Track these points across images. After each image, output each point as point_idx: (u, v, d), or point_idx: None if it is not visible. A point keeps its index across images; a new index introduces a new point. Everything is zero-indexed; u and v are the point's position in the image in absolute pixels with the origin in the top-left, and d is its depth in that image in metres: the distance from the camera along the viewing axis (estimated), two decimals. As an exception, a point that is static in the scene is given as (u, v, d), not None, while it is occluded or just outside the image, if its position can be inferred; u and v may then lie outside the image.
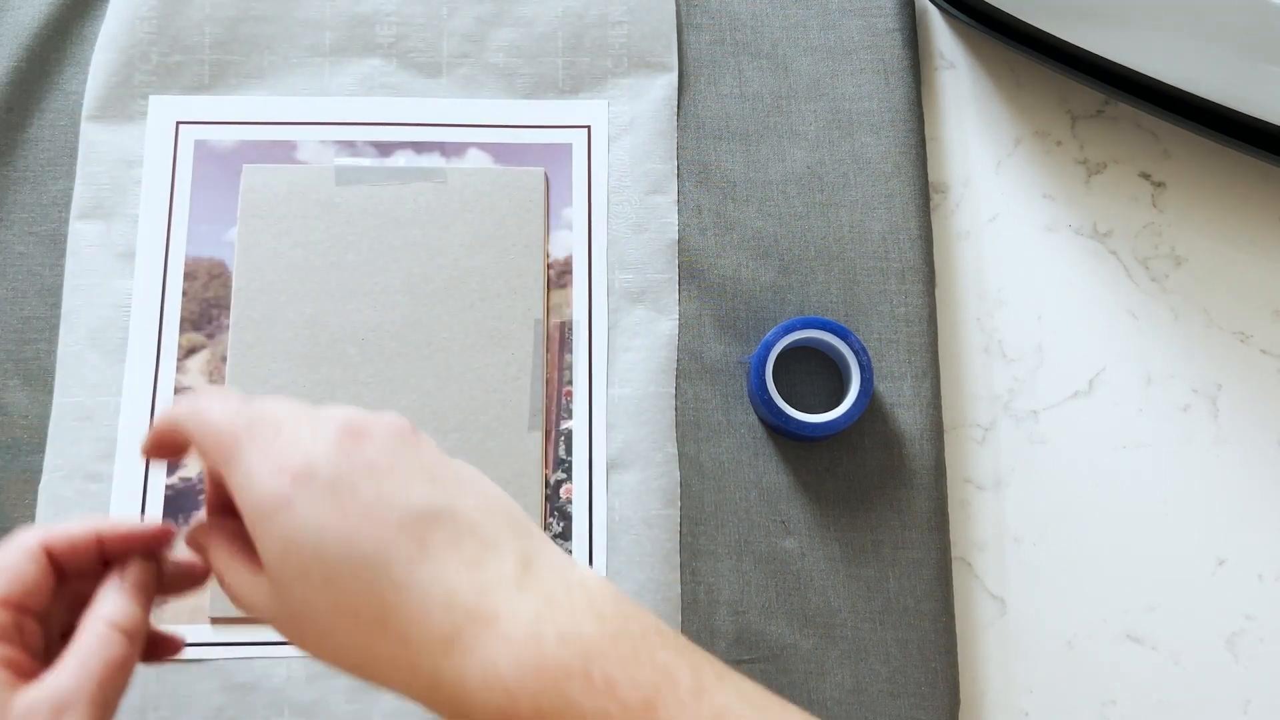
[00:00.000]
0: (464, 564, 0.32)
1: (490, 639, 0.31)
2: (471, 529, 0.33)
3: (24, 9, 0.56)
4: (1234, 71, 0.50)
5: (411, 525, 0.32)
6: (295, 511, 0.32)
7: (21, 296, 0.53)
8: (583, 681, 0.30)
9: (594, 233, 0.54)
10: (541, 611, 0.31)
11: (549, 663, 0.30)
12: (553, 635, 0.31)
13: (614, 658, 0.31)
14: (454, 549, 0.32)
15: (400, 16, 0.57)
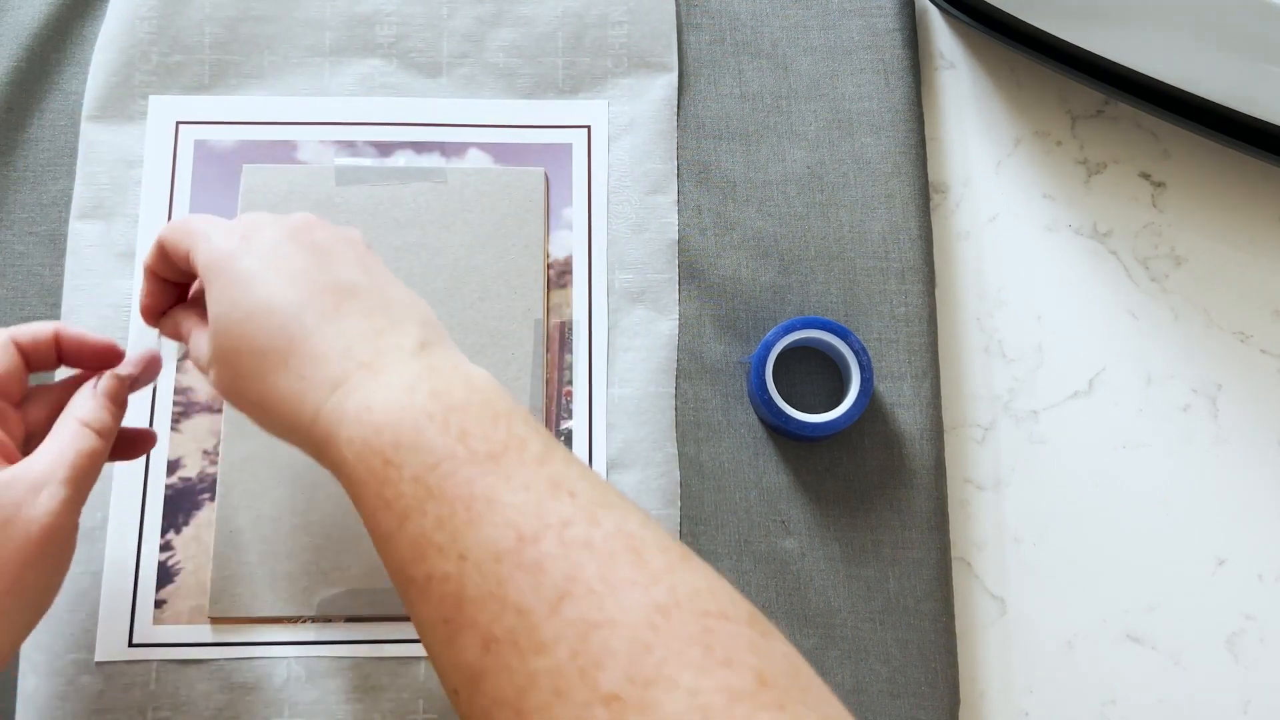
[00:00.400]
0: (369, 329, 0.37)
1: (372, 384, 0.35)
2: (385, 308, 0.38)
3: (24, 9, 0.56)
4: (1234, 71, 0.50)
5: (332, 290, 0.38)
6: (238, 263, 0.38)
7: (21, 296, 0.53)
8: (440, 425, 0.34)
9: (594, 233, 0.54)
10: (423, 374, 0.36)
11: (415, 408, 0.34)
12: (425, 390, 0.35)
13: (474, 416, 0.34)
14: (364, 316, 0.38)
15: (400, 16, 0.57)
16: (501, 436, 0.34)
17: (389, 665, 0.49)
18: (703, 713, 0.28)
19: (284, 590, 0.49)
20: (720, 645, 0.30)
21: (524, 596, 0.31)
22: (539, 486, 0.33)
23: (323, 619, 0.49)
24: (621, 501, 0.34)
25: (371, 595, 0.49)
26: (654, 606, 0.30)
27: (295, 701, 0.48)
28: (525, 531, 0.32)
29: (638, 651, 0.29)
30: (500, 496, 0.33)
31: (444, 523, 0.33)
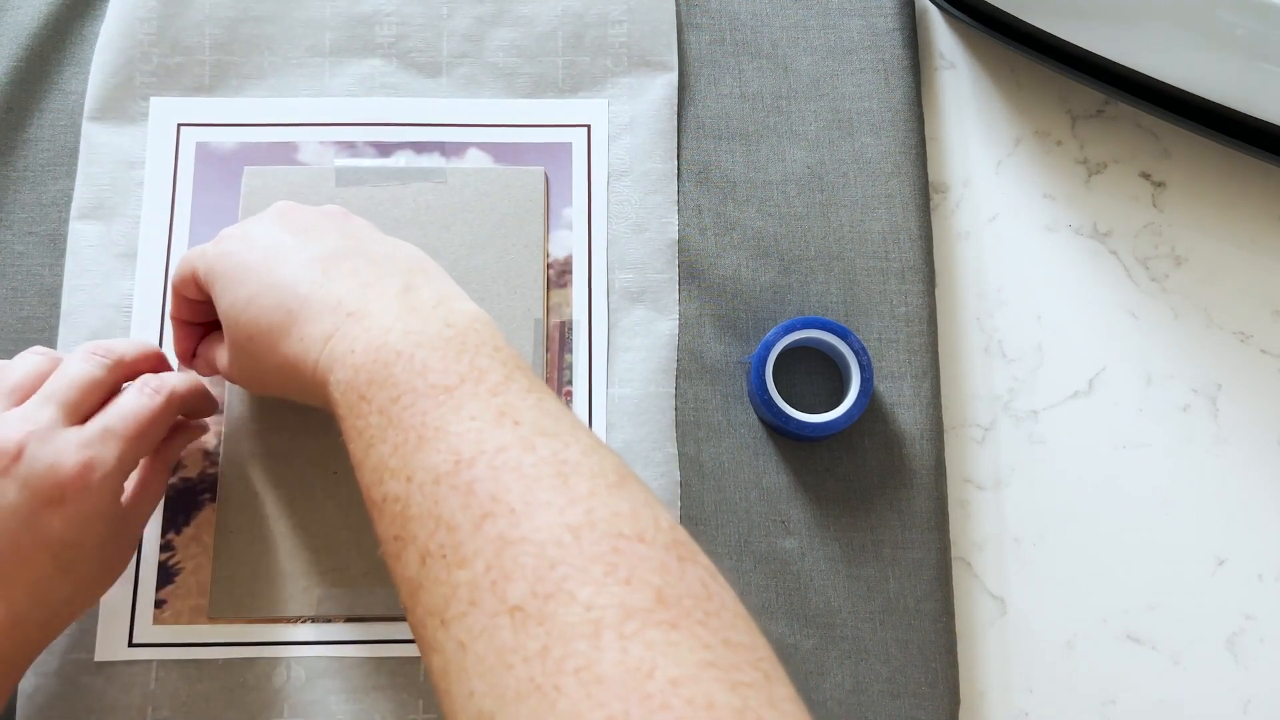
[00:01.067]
0: (357, 284, 0.41)
1: (357, 330, 0.39)
2: (371, 262, 0.42)
3: (24, 9, 0.56)
4: (1234, 71, 0.50)
5: (319, 259, 0.42)
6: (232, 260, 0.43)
7: (21, 296, 0.53)
8: (406, 361, 0.37)
9: (594, 232, 0.54)
10: (402, 314, 0.39)
11: (388, 347, 0.38)
12: (400, 329, 0.38)
13: (439, 352, 0.37)
14: (351, 275, 0.41)
15: (400, 16, 0.57)
16: (461, 369, 0.37)
17: (389, 665, 0.49)
18: (594, 625, 0.30)
19: (284, 590, 0.49)
20: (625, 565, 0.31)
21: (454, 515, 0.33)
22: (485, 416, 0.35)
23: (323, 619, 0.49)
24: (570, 430, 0.36)
25: (372, 595, 0.49)
26: (565, 526, 0.32)
27: (295, 701, 0.48)
28: (463, 456, 0.34)
29: (543, 567, 0.31)
30: (448, 425, 0.35)
31: (398, 449, 0.36)
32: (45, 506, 0.40)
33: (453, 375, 0.37)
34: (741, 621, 0.33)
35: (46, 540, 0.40)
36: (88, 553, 0.41)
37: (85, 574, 0.42)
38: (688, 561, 0.33)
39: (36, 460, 0.40)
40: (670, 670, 0.29)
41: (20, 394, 0.42)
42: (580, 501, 0.33)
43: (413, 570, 0.34)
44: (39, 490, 0.40)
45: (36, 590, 0.40)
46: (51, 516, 0.40)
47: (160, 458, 0.46)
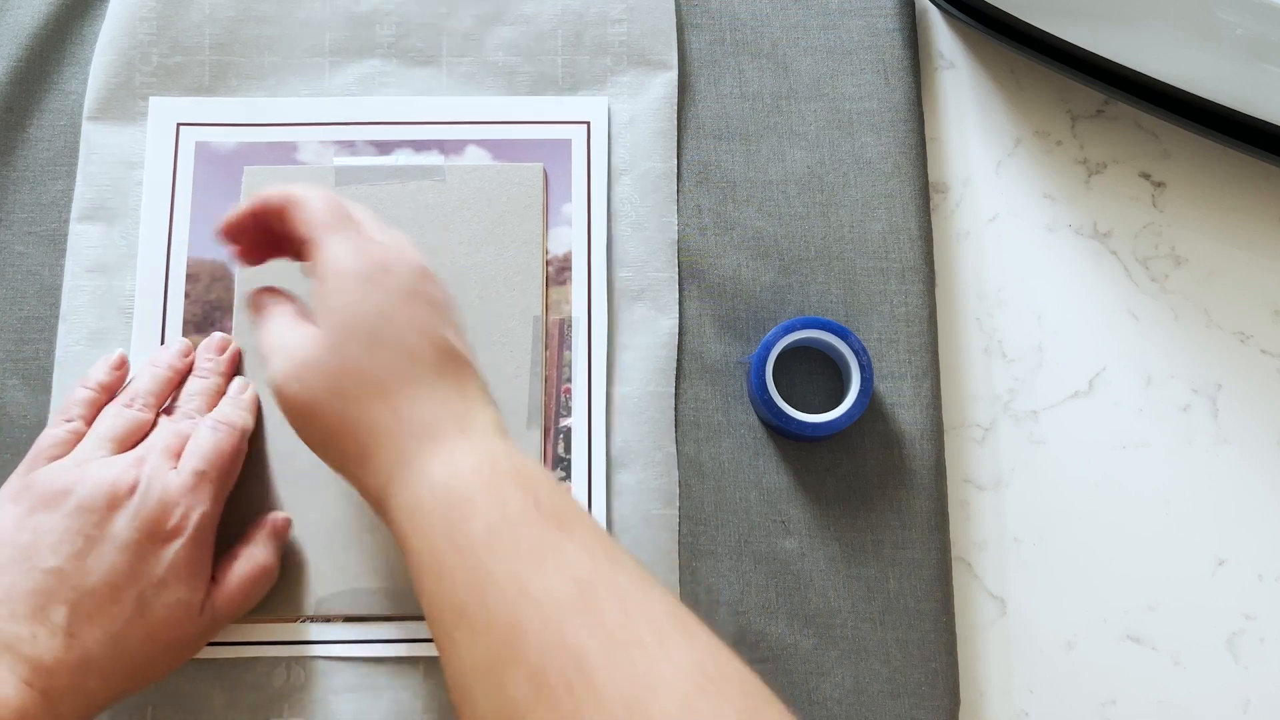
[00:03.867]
0: (469, 397, 0.41)
1: (465, 446, 0.39)
2: (476, 376, 0.42)
3: (24, 9, 0.56)
4: (1234, 71, 0.50)
5: (440, 350, 0.41)
6: (370, 288, 0.41)
7: (21, 296, 0.53)
8: (515, 481, 0.38)
9: (593, 229, 0.54)
10: (510, 449, 0.40)
11: (499, 467, 0.39)
12: (509, 465, 0.39)
13: (543, 485, 0.38)
14: (457, 384, 0.41)
15: (400, 15, 0.57)
16: (563, 503, 0.38)
17: (388, 665, 0.49)
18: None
19: (282, 589, 0.49)
20: (751, 710, 0.32)
21: (583, 643, 0.33)
22: (599, 551, 0.36)
23: (321, 618, 0.49)
24: (652, 580, 0.37)
25: (370, 594, 0.49)
26: (699, 666, 0.33)
27: (295, 701, 0.48)
28: (584, 583, 0.35)
29: (684, 713, 0.31)
30: (563, 549, 0.36)
31: (508, 564, 0.35)
32: (150, 541, 0.43)
33: (559, 506, 0.38)
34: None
35: (141, 574, 0.42)
36: (168, 601, 0.43)
37: (157, 627, 0.43)
38: (771, 703, 0.34)
39: (149, 496, 0.43)
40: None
41: (122, 444, 0.46)
42: (699, 640, 0.34)
43: (520, 691, 0.33)
44: (148, 523, 0.43)
45: (112, 632, 0.42)
46: (153, 552, 0.43)
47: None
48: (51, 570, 0.41)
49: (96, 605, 0.41)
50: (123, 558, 0.42)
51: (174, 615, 0.43)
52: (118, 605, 0.42)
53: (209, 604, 0.45)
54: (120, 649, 0.42)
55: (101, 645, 0.41)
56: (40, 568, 0.41)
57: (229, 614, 0.46)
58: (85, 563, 0.42)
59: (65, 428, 0.46)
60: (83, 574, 0.42)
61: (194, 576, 0.44)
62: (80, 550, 0.42)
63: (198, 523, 0.44)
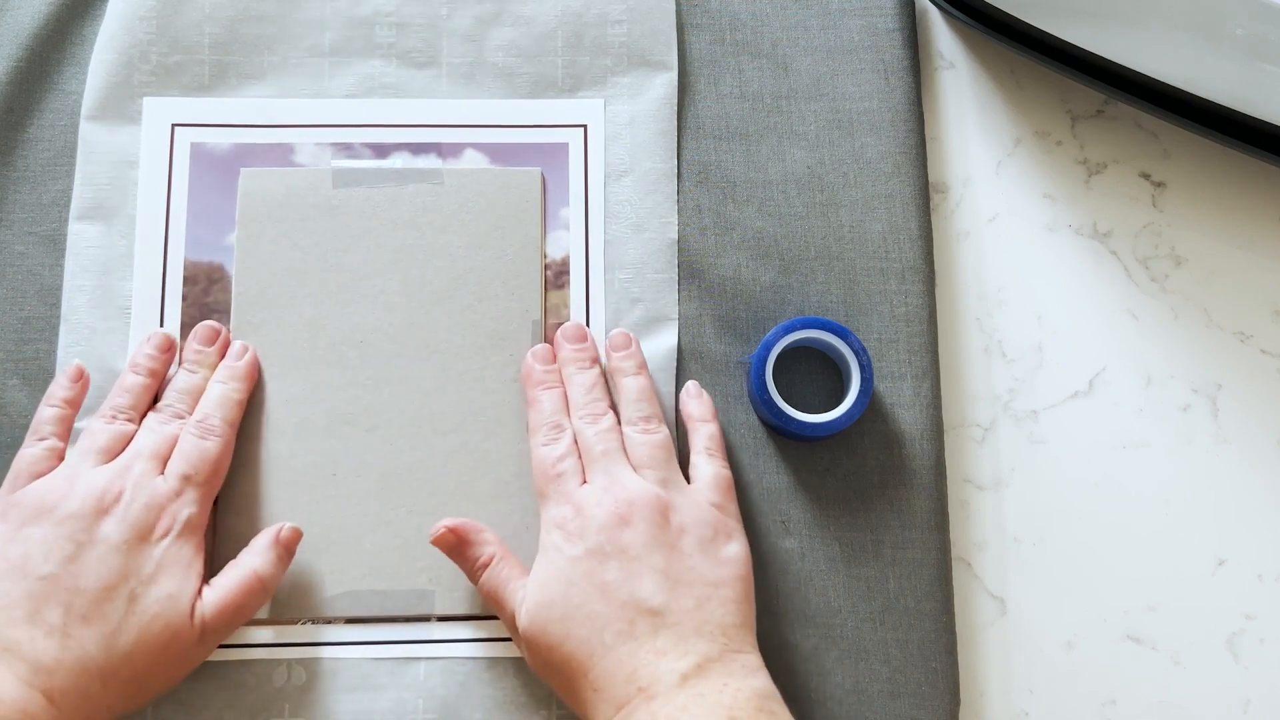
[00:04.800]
0: (653, 651, 0.42)
1: (644, 713, 0.40)
2: (674, 626, 0.43)
3: (24, 9, 0.56)
4: (1234, 71, 0.50)
5: (630, 608, 0.43)
6: (564, 559, 0.45)
7: (21, 296, 0.53)
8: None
9: (591, 232, 0.54)
10: (688, 705, 0.40)
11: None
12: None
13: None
14: (651, 637, 0.42)
15: (400, 16, 0.57)
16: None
17: (388, 665, 0.49)
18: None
19: (284, 592, 0.49)
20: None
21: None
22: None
23: (323, 620, 0.49)
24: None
25: (371, 597, 0.49)
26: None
27: (295, 701, 0.48)
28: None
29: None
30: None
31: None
32: (139, 542, 0.44)
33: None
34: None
35: (131, 573, 0.44)
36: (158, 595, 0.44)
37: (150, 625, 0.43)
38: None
39: (136, 502, 0.45)
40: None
41: (107, 454, 0.47)
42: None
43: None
44: (135, 526, 0.44)
45: (106, 632, 0.42)
46: (142, 551, 0.44)
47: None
48: (45, 577, 0.43)
49: (90, 605, 0.43)
50: (114, 558, 0.44)
51: (165, 614, 0.44)
52: (110, 604, 0.43)
53: (199, 606, 0.45)
54: (115, 649, 0.43)
55: (97, 645, 0.42)
56: (34, 575, 0.43)
57: (221, 620, 0.45)
58: (77, 566, 0.43)
59: (42, 446, 0.47)
60: (75, 577, 0.43)
61: (184, 571, 0.45)
62: (71, 555, 0.43)
63: (185, 522, 0.46)
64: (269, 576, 0.47)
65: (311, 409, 0.51)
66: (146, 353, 0.50)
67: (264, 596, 0.47)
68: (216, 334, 0.51)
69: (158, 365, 0.50)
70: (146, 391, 0.50)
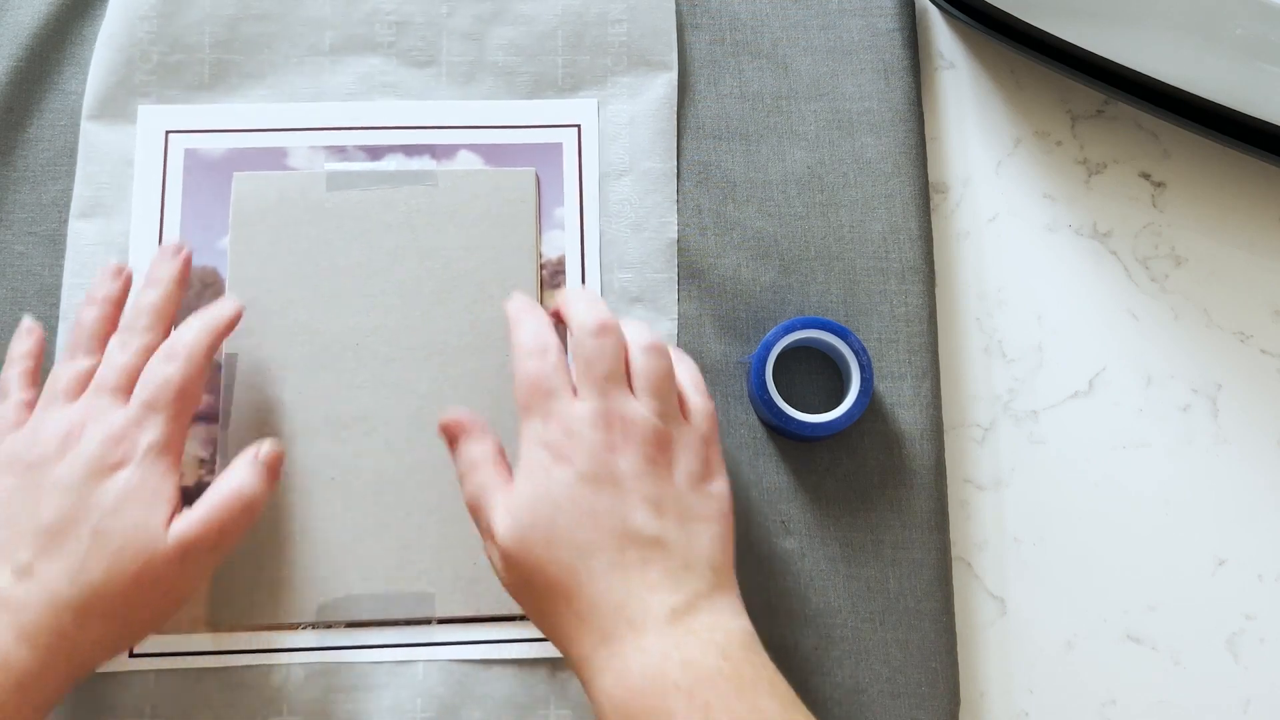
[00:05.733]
0: (644, 584, 0.40)
1: (633, 647, 0.39)
2: (664, 559, 0.41)
3: (24, 9, 0.56)
4: (1234, 71, 0.50)
5: (621, 537, 0.41)
6: (551, 481, 0.42)
7: (21, 296, 0.53)
8: (686, 699, 0.37)
9: (586, 231, 0.54)
10: (681, 641, 0.39)
11: (666, 678, 0.38)
12: (678, 659, 0.38)
13: (719, 689, 0.38)
14: (642, 569, 0.41)
15: (400, 15, 0.57)
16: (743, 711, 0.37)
17: (387, 665, 0.49)
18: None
19: (283, 597, 0.49)
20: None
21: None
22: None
23: (323, 625, 0.49)
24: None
25: (371, 600, 0.49)
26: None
27: (294, 701, 0.48)
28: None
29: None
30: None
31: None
32: (95, 478, 0.43)
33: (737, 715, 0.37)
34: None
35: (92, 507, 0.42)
36: (124, 526, 0.42)
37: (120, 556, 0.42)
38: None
39: (92, 438, 0.43)
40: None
41: (69, 395, 0.45)
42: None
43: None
44: (90, 461, 0.43)
45: (72, 567, 0.41)
46: (99, 486, 0.43)
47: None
48: (9, 520, 0.42)
49: (52, 540, 0.42)
50: (68, 497, 0.42)
51: (134, 540, 0.42)
52: (74, 540, 0.42)
53: (177, 528, 0.43)
54: (85, 583, 0.41)
55: (65, 579, 0.41)
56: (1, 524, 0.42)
57: (204, 540, 0.43)
58: (39, 509, 0.42)
59: (10, 403, 0.46)
60: (36, 519, 0.42)
61: (151, 498, 0.43)
62: (34, 500, 0.42)
63: (146, 448, 0.44)
64: (251, 493, 0.44)
65: (308, 413, 0.51)
66: (106, 283, 0.49)
67: (248, 515, 0.44)
68: (180, 249, 0.49)
69: (115, 293, 0.48)
70: (105, 323, 0.47)
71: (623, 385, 0.44)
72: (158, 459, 0.44)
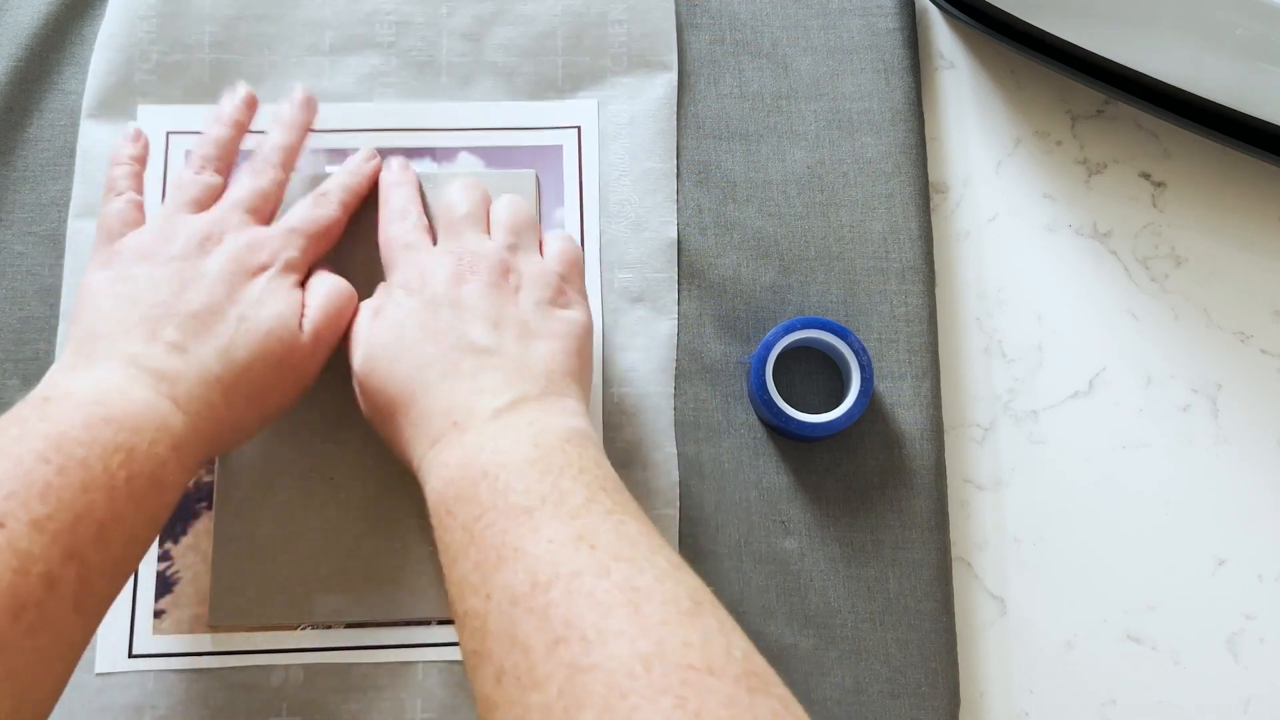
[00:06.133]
0: (473, 389, 0.42)
1: (454, 443, 0.41)
2: (497, 367, 0.43)
3: (24, 9, 0.56)
4: (1234, 71, 0.50)
5: (455, 350, 0.43)
6: (399, 310, 0.45)
7: (21, 296, 0.53)
8: (490, 481, 0.39)
9: (586, 233, 0.54)
10: (496, 434, 0.40)
11: (474, 467, 0.39)
12: (490, 449, 0.40)
13: (522, 473, 0.39)
14: (473, 377, 0.43)
15: (400, 16, 0.57)
16: (543, 490, 0.38)
17: (388, 666, 0.49)
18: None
19: (283, 597, 0.49)
20: (694, 698, 0.31)
21: (529, 637, 0.34)
22: (563, 538, 0.36)
23: (323, 625, 0.49)
24: (646, 555, 0.36)
25: (371, 600, 0.49)
26: (637, 656, 0.32)
27: (293, 701, 0.48)
28: (539, 579, 0.35)
29: (614, 697, 0.31)
30: (526, 546, 0.36)
31: (479, 566, 0.37)
32: (243, 274, 0.45)
33: (534, 496, 0.38)
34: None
35: (238, 298, 0.45)
36: (267, 314, 0.45)
37: (264, 340, 0.45)
38: (759, 693, 0.32)
39: (238, 241, 0.46)
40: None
41: (198, 205, 0.48)
42: (652, 630, 0.33)
43: (488, 688, 0.35)
44: (237, 260, 0.46)
45: (221, 345, 0.44)
46: (246, 281, 0.45)
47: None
48: (156, 303, 0.44)
49: (202, 325, 0.44)
50: (219, 286, 0.45)
51: (277, 329, 0.45)
52: (222, 323, 0.44)
53: (304, 322, 0.46)
54: (234, 361, 0.44)
55: (215, 357, 0.43)
56: (145, 302, 0.44)
57: (327, 328, 0.47)
58: (186, 295, 0.44)
59: (123, 200, 0.48)
60: (185, 303, 0.44)
61: (289, 295, 0.46)
62: (179, 288, 0.44)
63: (285, 261, 0.47)
64: (346, 285, 0.48)
65: (308, 413, 0.51)
66: (234, 103, 0.51)
67: (351, 303, 0.48)
68: (308, 98, 0.52)
69: (243, 118, 0.51)
70: (233, 144, 0.50)
71: (477, 227, 0.48)
72: (292, 272, 0.47)
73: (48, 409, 0.40)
